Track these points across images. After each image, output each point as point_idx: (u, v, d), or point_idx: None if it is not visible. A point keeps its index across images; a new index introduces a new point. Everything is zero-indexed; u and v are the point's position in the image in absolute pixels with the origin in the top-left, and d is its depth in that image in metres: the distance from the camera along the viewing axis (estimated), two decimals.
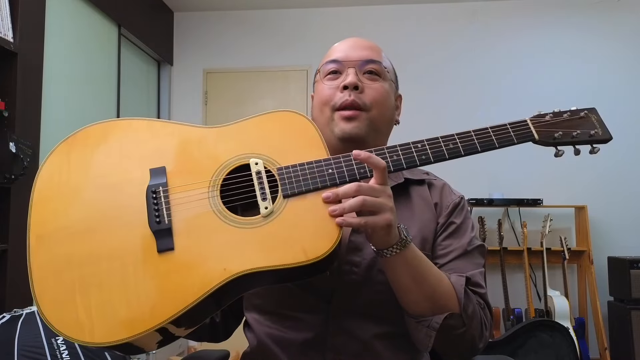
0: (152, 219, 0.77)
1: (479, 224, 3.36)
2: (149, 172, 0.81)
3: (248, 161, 0.82)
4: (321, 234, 0.76)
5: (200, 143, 0.86)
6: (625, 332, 3.06)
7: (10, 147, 1.95)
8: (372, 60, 0.99)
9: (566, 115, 0.86)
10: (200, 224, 0.78)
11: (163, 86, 3.99)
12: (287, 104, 3.90)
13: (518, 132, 0.84)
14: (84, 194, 0.80)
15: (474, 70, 3.78)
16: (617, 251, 3.36)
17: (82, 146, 0.84)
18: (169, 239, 0.76)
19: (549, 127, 0.84)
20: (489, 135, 0.84)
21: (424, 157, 0.82)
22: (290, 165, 0.81)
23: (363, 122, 0.94)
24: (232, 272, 0.73)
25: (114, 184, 0.81)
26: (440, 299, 0.81)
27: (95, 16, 2.97)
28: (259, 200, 0.79)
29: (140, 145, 0.85)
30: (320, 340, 0.87)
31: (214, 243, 0.77)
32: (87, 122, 0.91)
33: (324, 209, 0.77)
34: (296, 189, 0.79)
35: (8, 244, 2.00)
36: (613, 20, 3.70)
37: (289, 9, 3.95)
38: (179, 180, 0.81)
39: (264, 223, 0.77)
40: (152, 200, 0.79)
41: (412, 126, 3.65)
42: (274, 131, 0.86)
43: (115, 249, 0.76)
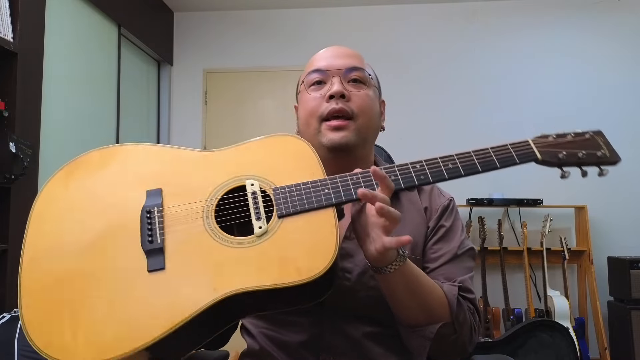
0: (144, 239, 0.77)
1: (479, 224, 3.36)
2: (145, 194, 0.82)
3: (244, 182, 0.82)
4: (316, 253, 0.74)
5: (197, 166, 0.86)
6: (625, 332, 3.06)
7: (10, 147, 1.95)
8: (356, 68, 0.97)
9: (570, 136, 0.84)
10: (193, 244, 0.77)
11: (163, 86, 3.99)
12: (287, 104, 3.90)
13: (520, 152, 0.82)
14: (78, 215, 0.81)
15: (474, 70, 3.78)
16: (617, 251, 3.36)
17: (82, 170, 0.86)
18: (160, 259, 0.76)
19: (552, 147, 0.82)
20: (490, 155, 0.81)
21: (422, 178, 0.81)
22: (285, 186, 0.81)
23: (351, 132, 0.94)
24: (222, 292, 0.72)
25: (110, 206, 0.81)
26: (434, 309, 0.83)
27: (95, 16, 2.97)
28: (253, 219, 0.78)
29: (138, 169, 0.86)
30: (315, 342, 0.89)
31: (205, 263, 0.76)
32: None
33: (319, 228, 0.77)
34: (291, 209, 0.78)
35: (8, 244, 2.00)
36: (613, 20, 3.69)
37: (289, 9, 3.95)
38: (174, 201, 0.81)
39: (257, 242, 0.76)
40: (147, 220, 0.79)
41: (412, 126, 3.66)
42: (271, 154, 0.86)
43: (106, 269, 0.76)
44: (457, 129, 3.70)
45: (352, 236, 0.91)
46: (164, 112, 3.97)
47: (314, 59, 1.01)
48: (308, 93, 0.98)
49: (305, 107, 0.98)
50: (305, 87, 0.99)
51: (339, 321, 0.90)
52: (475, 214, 3.48)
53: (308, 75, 0.99)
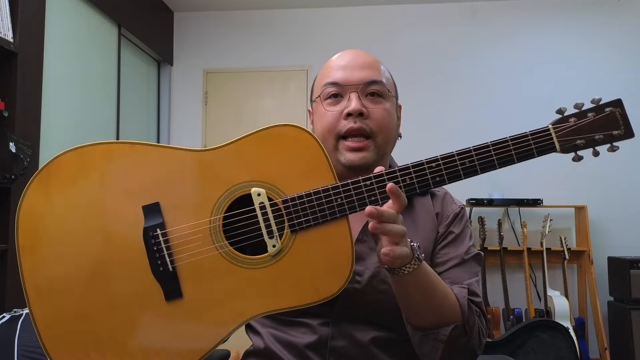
0: (154, 266, 0.74)
1: (479, 224, 3.36)
2: (141, 210, 0.75)
3: (249, 191, 0.76)
4: (332, 271, 0.74)
5: (193, 170, 0.78)
6: (625, 332, 3.06)
7: (10, 147, 1.95)
8: (374, 81, 0.93)
9: (591, 115, 0.80)
10: (206, 267, 0.74)
11: (163, 86, 3.99)
12: (287, 104, 3.90)
13: (539, 143, 0.78)
14: (73, 238, 0.74)
15: (474, 69, 3.78)
16: (617, 251, 3.36)
17: (60, 181, 0.76)
18: (175, 286, 0.73)
19: (571, 135, 0.79)
20: (509, 148, 0.78)
21: (438, 179, 0.78)
22: (296, 196, 0.76)
23: (371, 152, 0.92)
24: (246, 317, 0.72)
25: (106, 226, 0.75)
26: (446, 312, 0.83)
27: (95, 16, 2.97)
28: (266, 237, 0.75)
29: (125, 177, 0.77)
30: (323, 344, 0.89)
31: (223, 287, 0.74)
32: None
33: (333, 242, 0.75)
34: (304, 223, 0.75)
35: (8, 244, 2.00)
36: (613, 20, 3.69)
37: (289, 9, 3.95)
38: (176, 217, 0.75)
39: (273, 262, 0.75)
40: (152, 245, 0.75)
41: (412, 126, 3.65)
42: (275, 152, 0.78)
43: (120, 299, 0.73)
44: (457, 129, 3.70)
45: (364, 239, 0.92)
46: (164, 112, 3.97)
47: (330, 68, 0.97)
48: (324, 107, 0.95)
49: (322, 121, 0.95)
50: (321, 100, 0.96)
51: (347, 325, 0.90)
52: (475, 214, 3.48)
53: (324, 87, 0.95)
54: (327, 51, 1.11)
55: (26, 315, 1.67)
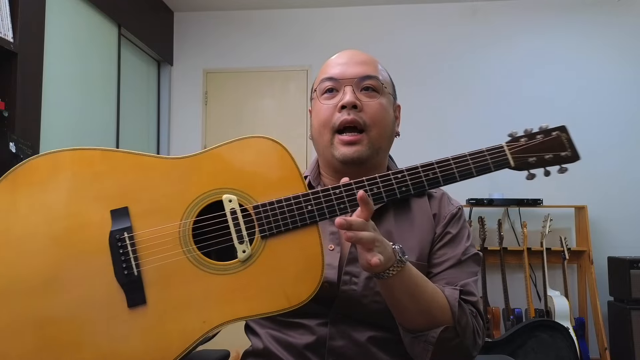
0: (119, 270, 0.71)
1: (479, 224, 3.36)
2: (109, 214, 0.74)
3: (221, 197, 0.76)
4: (303, 278, 0.73)
5: (166, 177, 0.77)
6: (625, 332, 3.06)
7: (10, 147, 1.95)
8: (369, 76, 0.95)
9: (539, 137, 0.86)
10: (172, 272, 0.72)
11: (163, 86, 3.99)
12: (287, 104, 3.90)
13: (495, 159, 0.84)
14: (36, 240, 0.72)
15: (474, 69, 3.78)
16: (617, 251, 3.35)
17: (28, 184, 0.74)
18: (139, 292, 0.71)
19: (523, 153, 0.85)
20: (468, 163, 0.83)
21: (404, 189, 0.81)
22: (267, 203, 0.76)
23: (364, 146, 0.93)
24: (212, 325, 0.70)
25: (70, 229, 0.73)
26: (436, 313, 0.83)
27: (95, 16, 2.97)
28: (236, 243, 0.74)
29: (96, 182, 0.75)
30: (321, 344, 0.89)
31: (189, 293, 0.71)
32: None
33: (304, 249, 0.74)
34: (275, 229, 0.75)
35: None
36: (613, 21, 3.69)
37: (289, 9, 3.95)
38: (144, 222, 0.74)
39: (242, 268, 0.73)
40: (117, 248, 0.72)
41: (412, 126, 3.65)
42: (246, 161, 0.78)
43: (79, 305, 0.70)
44: (457, 129, 3.70)
45: None
46: (164, 112, 3.97)
47: (328, 65, 0.99)
48: (320, 102, 0.96)
49: (318, 116, 0.97)
50: (317, 95, 0.98)
51: (345, 325, 0.90)
52: (475, 214, 3.48)
53: (321, 82, 0.97)
54: (327, 51, 1.11)
55: None
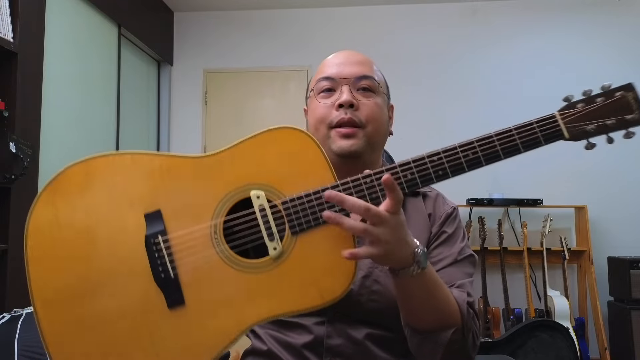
0: (156, 272, 0.74)
1: (479, 224, 3.36)
2: (143, 218, 0.76)
3: (249, 194, 0.76)
4: (336, 273, 0.73)
5: (194, 176, 0.78)
6: (625, 332, 3.06)
7: (10, 147, 1.95)
8: (365, 76, 0.97)
9: (600, 100, 0.75)
10: (207, 272, 0.74)
11: (163, 86, 3.99)
12: (287, 104, 3.90)
13: (546, 131, 0.75)
14: (78, 248, 0.76)
15: (474, 69, 3.78)
16: (617, 251, 3.36)
17: (67, 193, 0.78)
18: (177, 293, 0.73)
19: (580, 121, 0.75)
20: (513, 138, 0.76)
21: (441, 173, 0.75)
22: (295, 197, 0.75)
23: (360, 139, 0.94)
24: (248, 323, 0.72)
25: (109, 235, 0.76)
26: (447, 316, 0.83)
27: (95, 16, 2.97)
28: (266, 240, 0.74)
29: (128, 186, 0.78)
30: (319, 343, 0.90)
31: (225, 292, 0.74)
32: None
33: (336, 243, 0.74)
34: (305, 225, 0.74)
35: (8, 244, 2.00)
36: (614, 20, 3.69)
37: (289, 9, 3.95)
38: (177, 224, 0.76)
39: (274, 266, 0.74)
40: (153, 252, 0.75)
41: (412, 126, 3.66)
42: (272, 154, 0.78)
43: (123, 308, 0.73)
44: (457, 129, 3.70)
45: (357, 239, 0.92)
46: (164, 112, 3.97)
47: (325, 65, 1.01)
48: (317, 100, 0.98)
49: (315, 113, 0.98)
50: (314, 94, 1.00)
51: (342, 324, 0.90)
52: (475, 214, 3.48)
53: (318, 82, 0.99)
54: (327, 51, 1.12)
55: (26, 315, 1.67)
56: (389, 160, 1.30)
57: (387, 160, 1.30)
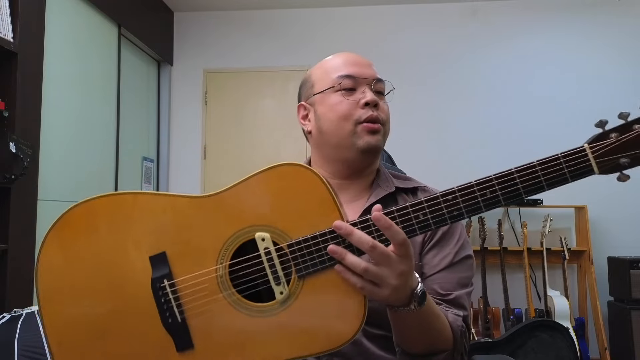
0: (164, 317, 0.75)
1: (479, 224, 3.36)
2: (148, 260, 0.77)
3: (254, 236, 0.75)
4: (344, 317, 0.72)
5: (197, 217, 0.78)
6: (625, 332, 3.06)
7: (10, 147, 1.95)
8: (380, 80, 1.01)
9: (637, 127, 0.66)
10: (215, 316, 0.75)
11: (163, 86, 3.99)
12: (287, 104, 3.90)
13: (573, 167, 0.68)
14: (87, 291, 0.78)
15: (474, 69, 3.78)
16: (617, 251, 3.36)
17: (72, 233, 0.79)
18: (186, 337, 0.74)
19: (613, 154, 0.67)
20: (537, 174, 0.69)
21: (455, 214, 0.70)
22: (301, 239, 0.73)
23: (381, 137, 0.98)
24: None
25: (116, 278, 0.78)
26: (439, 343, 0.83)
27: (95, 16, 2.97)
28: (273, 284, 0.74)
29: (132, 227, 0.79)
30: None
31: (233, 336, 0.74)
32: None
33: (344, 286, 0.72)
34: (311, 268, 0.73)
35: (8, 244, 2.00)
36: (614, 21, 3.69)
37: (289, 9, 3.95)
38: (182, 267, 0.76)
39: (281, 309, 0.74)
40: (160, 296, 0.76)
41: (412, 126, 3.65)
42: (277, 193, 0.76)
43: (134, 350, 0.75)
44: (457, 129, 3.70)
45: None
46: (164, 112, 3.97)
47: (339, 64, 1.02)
48: (343, 97, 0.98)
49: (338, 109, 0.98)
50: (334, 90, 1.00)
51: None
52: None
53: (340, 79, 0.99)
54: (327, 51, 1.12)
55: (26, 315, 1.67)
56: (388, 160, 1.30)
57: (387, 160, 1.30)
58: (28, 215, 2.15)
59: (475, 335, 3.20)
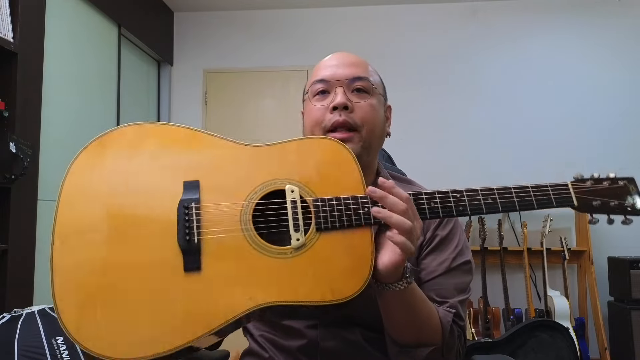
0: (181, 236, 0.76)
1: (479, 224, 3.36)
2: (182, 185, 0.79)
3: (284, 187, 0.80)
4: (350, 274, 0.75)
5: (237, 160, 0.83)
6: (625, 332, 3.06)
7: (10, 147, 1.95)
8: (359, 77, 0.96)
9: (606, 183, 0.85)
10: (229, 247, 0.76)
11: (163, 86, 3.99)
12: (287, 104, 3.90)
13: (559, 196, 0.84)
14: (113, 199, 0.78)
15: (474, 69, 3.78)
16: (617, 251, 3.35)
17: (116, 148, 0.81)
18: (196, 259, 0.75)
19: (588, 195, 0.84)
20: (529, 195, 0.83)
21: (461, 209, 0.80)
22: (326, 198, 0.79)
23: (356, 144, 0.93)
24: (257, 303, 0.73)
25: (146, 193, 0.79)
26: (427, 334, 0.83)
27: (95, 16, 2.97)
28: (291, 230, 0.77)
29: (175, 155, 0.82)
30: (313, 346, 0.91)
31: (241, 269, 0.75)
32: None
33: (356, 248, 0.77)
34: (330, 224, 0.77)
35: (8, 244, 2.00)
36: (614, 20, 3.69)
37: (289, 9, 3.95)
38: (212, 197, 0.79)
39: (294, 255, 0.76)
40: (184, 216, 0.77)
41: (412, 126, 3.66)
42: (313, 158, 0.83)
43: (140, 262, 0.75)
44: (456, 129, 3.70)
45: None
46: (164, 112, 3.97)
47: (319, 68, 1.00)
48: (312, 103, 0.98)
49: (310, 116, 0.98)
50: (309, 97, 0.99)
51: (335, 326, 0.91)
52: None
53: (312, 85, 0.99)
54: (327, 51, 1.11)
55: (26, 315, 1.67)
56: (388, 160, 1.30)
57: (387, 160, 1.30)
58: (28, 215, 2.15)
59: (475, 335, 3.20)
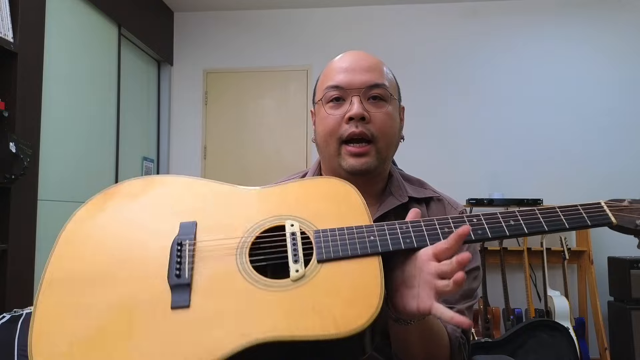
0: (172, 273, 0.72)
1: None
2: (178, 226, 0.78)
3: (284, 223, 0.77)
4: (357, 303, 0.67)
5: (237, 202, 0.82)
6: (625, 332, 3.06)
7: (10, 147, 1.95)
8: (376, 85, 0.92)
9: None
10: (222, 282, 0.72)
11: (163, 86, 3.99)
12: (287, 104, 3.90)
13: (592, 214, 0.77)
14: (107, 241, 0.77)
15: (474, 69, 3.78)
16: (617, 251, 3.35)
17: (118, 198, 0.82)
18: (185, 295, 0.70)
19: (627, 213, 0.78)
20: (558, 216, 0.77)
21: (480, 232, 0.74)
22: (328, 229, 0.75)
23: (372, 157, 0.91)
24: (250, 338, 0.65)
25: (142, 236, 0.78)
26: (436, 352, 0.82)
27: (95, 16, 2.97)
28: (290, 262, 0.72)
29: (175, 201, 0.82)
30: None
31: (234, 303, 0.70)
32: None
33: (362, 276, 0.70)
34: (332, 254, 0.72)
35: (8, 244, 2.00)
36: (614, 20, 3.69)
37: (289, 9, 3.95)
38: (208, 235, 0.77)
39: (293, 287, 0.70)
40: (176, 253, 0.74)
41: (411, 126, 3.65)
42: (315, 196, 0.81)
43: (126, 300, 0.71)
44: (457, 129, 3.70)
45: None
46: (164, 112, 3.97)
47: (333, 70, 0.96)
48: (326, 110, 0.94)
49: (324, 124, 0.94)
50: (323, 102, 0.95)
51: None
52: None
53: (326, 90, 0.94)
54: (327, 51, 1.11)
55: (26, 315, 1.67)
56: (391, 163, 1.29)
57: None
58: (28, 215, 2.15)
59: (475, 335, 3.20)
